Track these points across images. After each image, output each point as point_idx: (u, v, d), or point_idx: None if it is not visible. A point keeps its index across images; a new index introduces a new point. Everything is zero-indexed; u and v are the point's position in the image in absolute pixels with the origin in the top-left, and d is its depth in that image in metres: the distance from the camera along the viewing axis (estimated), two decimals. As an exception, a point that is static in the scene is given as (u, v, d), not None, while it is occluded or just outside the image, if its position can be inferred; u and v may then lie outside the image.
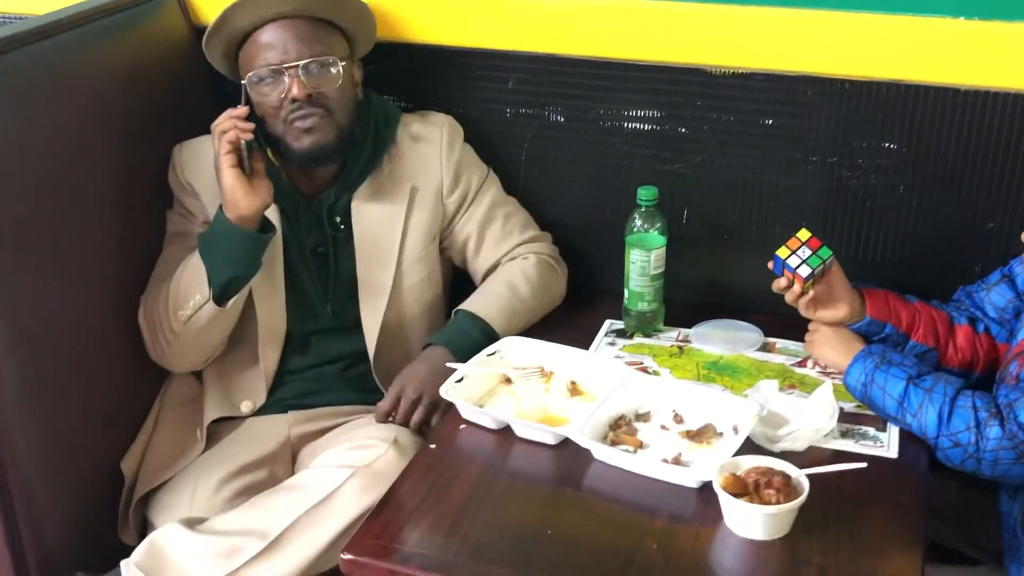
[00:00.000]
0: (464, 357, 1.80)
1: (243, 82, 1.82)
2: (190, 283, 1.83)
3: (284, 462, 1.93)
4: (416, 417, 1.81)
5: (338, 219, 1.92)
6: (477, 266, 2.03)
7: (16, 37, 1.72)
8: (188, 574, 1.65)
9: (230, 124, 1.76)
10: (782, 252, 1.72)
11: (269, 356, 1.95)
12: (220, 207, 1.80)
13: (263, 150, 1.86)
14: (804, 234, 1.72)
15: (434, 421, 1.81)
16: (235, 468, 1.86)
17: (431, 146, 1.96)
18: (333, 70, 1.81)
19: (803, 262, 1.71)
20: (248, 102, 1.81)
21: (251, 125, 1.76)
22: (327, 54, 1.81)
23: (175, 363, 1.97)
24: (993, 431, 1.53)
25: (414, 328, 1.99)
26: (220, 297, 1.83)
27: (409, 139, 1.96)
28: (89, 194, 1.83)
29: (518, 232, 2.02)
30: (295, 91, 1.78)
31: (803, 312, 1.78)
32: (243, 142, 1.76)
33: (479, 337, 1.87)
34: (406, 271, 1.95)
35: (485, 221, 1.99)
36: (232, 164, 1.76)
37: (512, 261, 2.01)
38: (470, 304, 1.93)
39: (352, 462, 1.74)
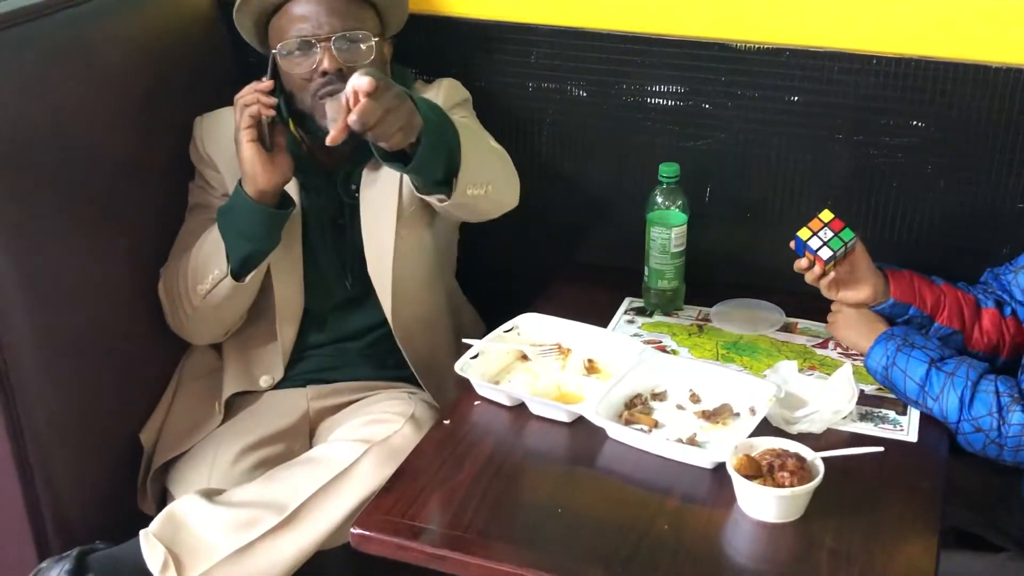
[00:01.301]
0: (433, 132, 1.58)
1: (272, 52, 1.79)
2: (208, 258, 1.84)
3: (302, 436, 1.94)
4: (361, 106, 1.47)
5: (353, 187, 1.91)
6: None
7: (41, 5, 1.73)
8: (205, 544, 1.66)
9: (253, 98, 1.74)
10: (803, 233, 1.69)
11: (287, 331, 1.95)
12: (240, 181, 1.79)
13: (286, 123, 1.85)
14: (827, 215, 1.69)
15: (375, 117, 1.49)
16: (253, 441, 1.87)
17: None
18: (364, 46, 1.79)
19: (824, 244, 1.68)
20: (274, 75, 1.79)
21: (274, 100, 1.75)
22: (360, 29, 1.79)
23: (195, 336, 1.98)
24: (1015, 416, 1.52)
25: (427, 292, 1.99)
26: (238, 272, 1.83)
27: None
28: (109, 162, 1.84)
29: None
30: (326, 64, 1.76)
31: (825, 293, 1.76)
32: (264, 117, 1.75)
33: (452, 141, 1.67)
34: (406, 226, 1.91)
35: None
36: (252, 138, 1.74)
37: None
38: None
39: (369, 437, 1.75)
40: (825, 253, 1.68)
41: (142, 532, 1.69)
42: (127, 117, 1.87)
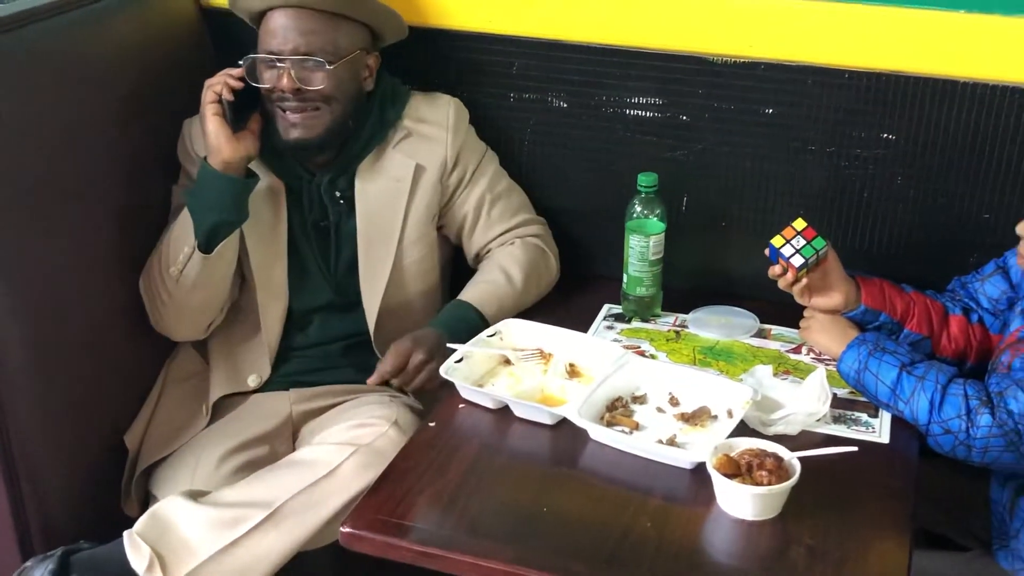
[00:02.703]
0: (461, 341, 1.82)
1: (240, 62, 1.85)
2: (179, 238, 1.87)
3: (285, 439, 1.96)
4: (423, 376, 1.80)
5: (338, 194, 1.94)
6: (471, 246, 2.06)
7: (31, 12, 1.76)
8: (190, 543, 1.68)
9: (220, 79, 1.83)
10: (776, 241, 1.74)
11: (272, 327, 1.97)
12: (205, 157, 1.84)
13: (264, 118, 1.88)
14: (800, 223, 1.74)
15: (429, 386, 1.82)
16: (237, 443, 1.89)
17: (437, 127, 1.98)
18: (321, 72, 1.82)
19: (796, 252, 1.73)
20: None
21: (239, 85, 1.83)
22: (323, 52, 1.81)
23: (175, 328, 1.98)
24: (983, 419, 1.56)
25: (414, 308, 2.02)
26: (206, 245, 1.85)
27: (416, 119, 1.98)
28: (98, 167, 1.86)
29: (512, 214, 2.04)
30: (284, 83, 1.81)
31: (798, 299, 1.81)
32: (225, 95, 1.82)
33: (474, 322, 1.89)
34: (407, 249, 1.97)
35: (481, 201, 2.02)
36: (215, 112, 1.82)
37: (503, 248, 2.03)
38: (466, 294, 1.96)
39: (353, 440, 1.78)
40: (797, 260, 1.73)
41: (126, 532, 1.70)
42: (114, 121, 1.90)
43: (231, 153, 1.82)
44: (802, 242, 1.73)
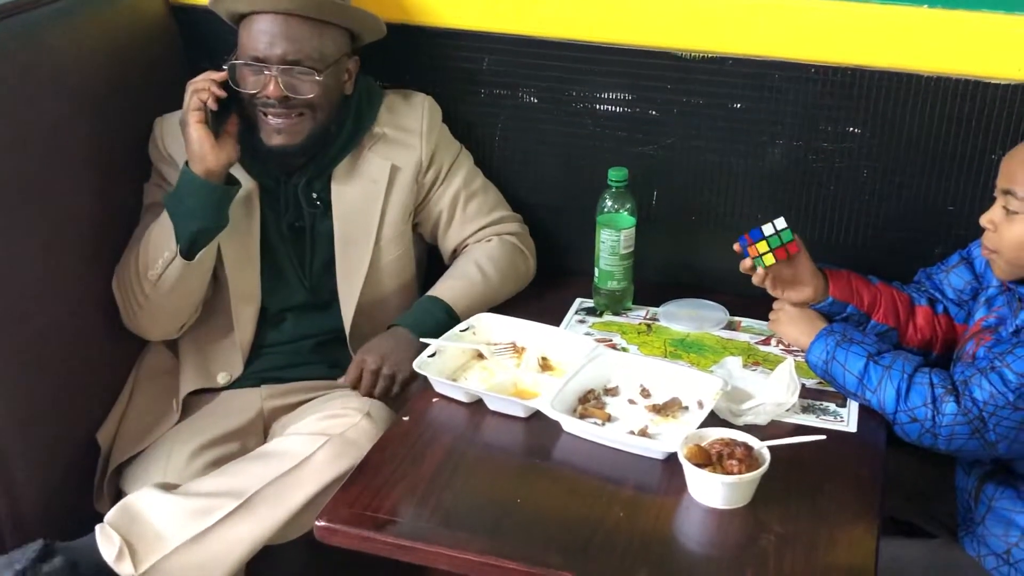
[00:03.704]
0: (429, 337, 1.83)
1: (224, 65, 1.84)
2: (158, 242, 1.86)
3: (256, 434, 1.96)
4: (378, 387, 1.84)
5: (314, 195, 1.94)
6: (446, 243, 2.07)
7: (-4, 10, 1.74)
8: (162, 532, 1.68)
9: (204, 84, 1.81)
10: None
11: (244, 327, 1.97)
12: (186, 163, 1.83)
13: (242, 119, 1.88)
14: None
15: (394, 391, 1.85)
16: (208, 439, 1.89)
17: (412, 127, 1.98)
18: (310, 80, 1.82)
19: (765, 238, 1.75)
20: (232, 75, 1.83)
21: (223, 94, 1.81)
22: (311, 59, 1.81)
23: (149, 329, 1.98)
24: (949, 407, 1.58)
25: (389, 306, 2.02)
26: (188, 251, 1.85)
27: (390, 120, 1.98)
28: (65, 163, 1.85)
29: (487, 212, 2.06)
30: (271, 90, 1.81)
31: (770, 291, 1.83)
32: (210, 103, 1.80)
33: (442, 318, 1.90)
34: (384, 248, 1.98)
35: (456, 198, 2.03)
36: (199, 120, 1.80)
37: (479, 244, 2.04)
38: (435, 290, 1.97)
39: (325, 430, 1.78)
40: (764, 246, 1.75)
41: (98, 524, 1.70)
42: (82, 118, 1.88)
43: (214, 161, 1.80)
44: (771, 230, 1.75)
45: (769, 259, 1.75)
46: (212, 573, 1.68)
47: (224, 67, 1.84)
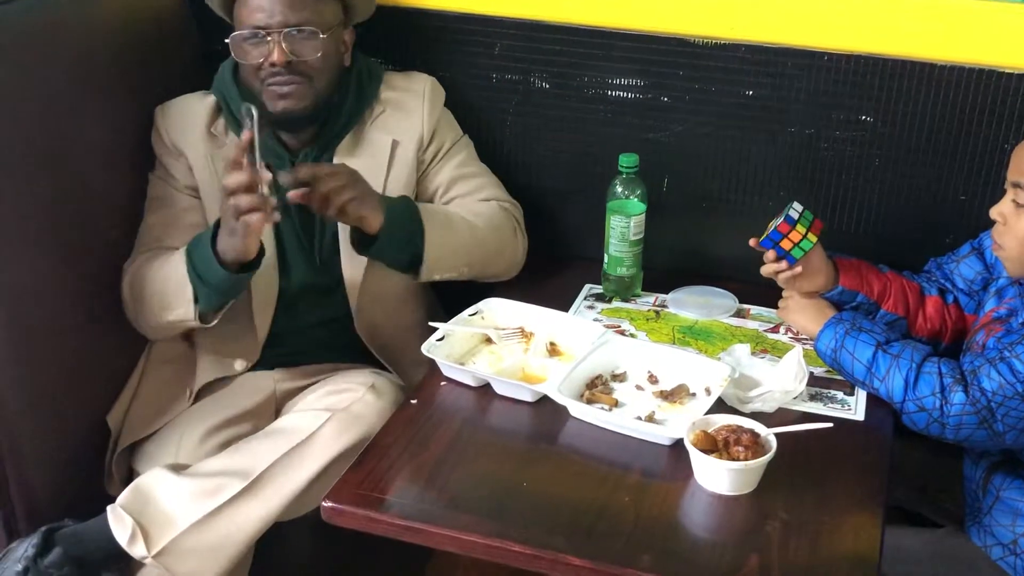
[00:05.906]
0: (395, 221, 1.80)
1: (247, 106, 1.77)
2: (177, 293, 1.82)
3: (268, 416, 1.96)
4: (331, 186, 1.74)
5: None
6: None
7: (6, -8, 1.74)
8: (172, 513, 1.70)
9: (256, 202, 1.65)
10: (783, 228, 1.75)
11: (263, 316, 1.97)
12: (213, 241, 1.75)
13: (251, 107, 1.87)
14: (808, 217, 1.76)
15: (334, 204, 1.75)
16: (220, 421, 1.90)
17: (413, 103, 1.98)
18: (314, 41, 1.82)
19: (796, 245, 1.75)
20: (253, 124, 1.66)
21: (278, 218, 1.70)
22: (312, 23, 1.82)
23: (155, 339, 2.00)
24: (957, 396, 1.58)
25: (394, 288, 2.02)
26: (206, 316, 1.86)
27: (392, 96, 1.98)
28: (75, 151, 1.85)
29: (483, 192, 2.03)
30: (275, 56, 1.80)
31: (784, 285, 1.83)
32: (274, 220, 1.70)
33: (413, 230, 1.85)
34: None
35: (454, 177, 2.01)
36: (259, 232, 1.72)
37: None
38: (424, 208, 1.91)
39: (330, 406, 1.80)
40: (797, 253, 1.76)
41: (110, 507, 1.71)
42: (93, 104, 1.88)
43: (254, 252, 1.76)
44: (798, 237, 1.75)
45: (812, 238, 1.75)
46: (223, 552, 1.70)
47: (249, 106, 1.70)
